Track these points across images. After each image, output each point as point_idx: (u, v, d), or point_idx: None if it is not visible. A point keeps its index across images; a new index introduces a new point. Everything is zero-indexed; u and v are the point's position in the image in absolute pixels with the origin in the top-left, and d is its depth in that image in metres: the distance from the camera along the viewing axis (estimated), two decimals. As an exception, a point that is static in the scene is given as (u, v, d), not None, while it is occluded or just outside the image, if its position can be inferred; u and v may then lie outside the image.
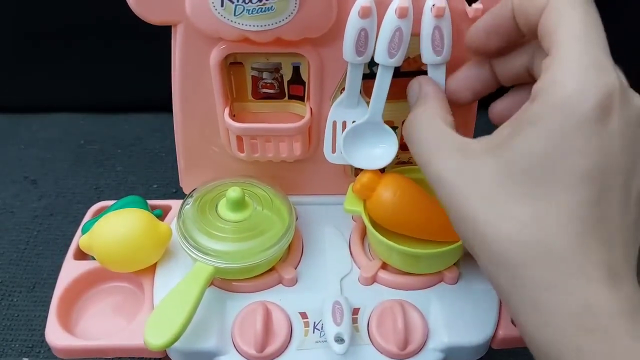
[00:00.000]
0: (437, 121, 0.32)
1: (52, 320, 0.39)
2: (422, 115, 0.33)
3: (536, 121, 0.25)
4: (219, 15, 0.35)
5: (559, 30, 0.26)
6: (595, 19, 0.27)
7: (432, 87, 0.35)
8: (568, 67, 0.25)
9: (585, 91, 0.25)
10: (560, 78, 0.25)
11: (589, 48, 0.26)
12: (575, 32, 0.26)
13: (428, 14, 0.36)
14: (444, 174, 0.29)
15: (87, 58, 0.71)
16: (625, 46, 0.73)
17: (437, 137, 0.31)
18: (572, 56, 0.26)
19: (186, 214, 0.40)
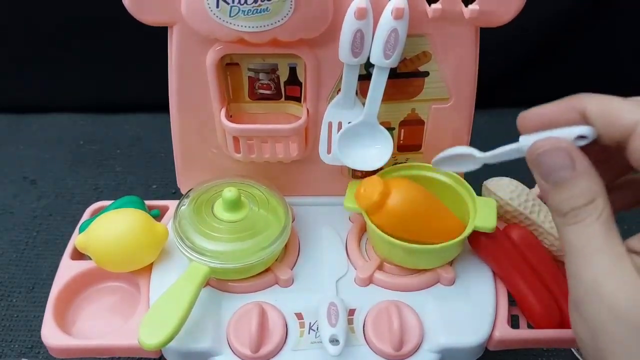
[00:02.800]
0: (615, 242, 0.27)
1: (48, 320, 0.39)
2: (596, 232, 0.28)
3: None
4: (215, 16, 0.35)
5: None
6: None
7: (589, 165, 0.29)
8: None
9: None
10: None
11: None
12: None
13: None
14: (617, 301, 0.26)
15: (86, 58, 0.71)
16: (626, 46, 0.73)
17: (613, 263, 0.27)
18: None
19: (182, 215, 0.40)
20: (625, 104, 0.28)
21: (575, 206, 0.28)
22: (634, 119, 0.27)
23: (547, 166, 0.29)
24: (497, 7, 0.37)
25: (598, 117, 0.29)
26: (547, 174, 0.29)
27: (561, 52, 0.73)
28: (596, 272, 0.27)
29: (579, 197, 0.28)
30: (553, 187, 0.29)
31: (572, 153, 0.29)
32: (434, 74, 0.40)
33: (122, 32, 0.63)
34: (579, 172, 0.28)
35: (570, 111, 0.30)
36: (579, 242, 0.28)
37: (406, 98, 0.42)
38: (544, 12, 0.68)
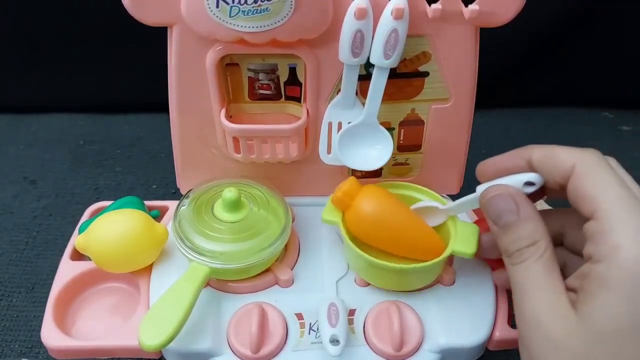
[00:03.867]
0: (554, 279, 0.30)
1: (48, 320, 0.39)
2: (537, 271, 0.30)
3: (610, 285, 0.27)
4: (215, 16, 0.35)
5: (600, 196, 0.29)
6: (626, 177, 0.30)
7: (533, 210, 0.32)
8: (627, 233, 0.27)
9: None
10: (623, 243, 0.27)
11: (637, 211, 0.28)
12: (617, 197, 0.28)
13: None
14: (555, 333, 0.28)
15: (86, 58, 0.71)
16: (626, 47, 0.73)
17: (551, 298, 0.29)
18: (626, 222, 0.27)
19: (182, 215, 0.40)
20: (564, 150, 0.31)
21: (520, 247, 0.31)
22: (571, 162, 0.30)
23: (495, 211, 0.32)
24: (497, 7, 0.37)
25: (541, 163, 0.32)
26: (495, 218, 0.32)
27: (561, 52, 0.73)
28: (536, 307, 0.29)
29: (523, 240, 0.31)
30: (501, 229, 0.32)
31: (517, 199, 0.32)
32: (433, 74, 0.40)
33: (122, 32, 0.63)
34: (522, 217, 0.31)
35: (519, 160, 0.33)
36: (522, 280, 0.30)
37: (406, 98, 0.42)
38: (544, 12, 0.68)
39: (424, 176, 0.46)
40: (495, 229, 0.32)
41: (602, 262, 0.27)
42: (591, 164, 0.30)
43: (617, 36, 0.72)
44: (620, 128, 0.76)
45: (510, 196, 0.32)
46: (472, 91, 0.42)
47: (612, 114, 0.78)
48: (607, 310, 0.27)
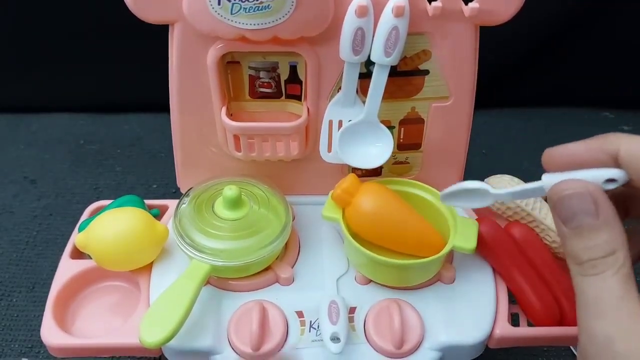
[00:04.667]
0: (632, 298, 0.26)
1: (48, 319, 0.39)
2: (613, 287, 0.26)
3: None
4: (216, 13, 0.35)
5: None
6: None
7: (614, 214, 0.27)
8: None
9: None
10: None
11: None
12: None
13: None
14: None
15: (86, 58, 0.71)
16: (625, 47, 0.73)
17: (628, 321, 0.26)
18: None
19: (182, 213, 0.40)
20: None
21: (594, 257, 0.27)
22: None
23: (569, 210, 0.27)
24: (496, 5, 0.37)
25: (632, 160, 0.28)
26: (567, 218, 0.27)
27: (561, 52, 0.73)
28: (610, 329, 0.26)
29: (599, 248, 0.27)
30: (572, 232, 0.27)
31: (598, 199, 0.27)
32: (434, 73, 0.41)
33: (122, 31, 0.63)
34: (602, 221, 0.27)
35: (600, 152, 0.29)
36: (595, 295, 0.26)
37: (406, 96, 0.42)
38: (544, 12, 0.69)
39: (423, 175, 0.46)
40: (564, 230, 0.28)
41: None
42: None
43: (617, 36, 0.72)
44: (621, 128, 0.76)
45: (589, 195, 0.27)
46: (472, 90, 0.42)
47: (612, 114, 0.79)
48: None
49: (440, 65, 0.40)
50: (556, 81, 0.75)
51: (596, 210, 0.27)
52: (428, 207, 0.41)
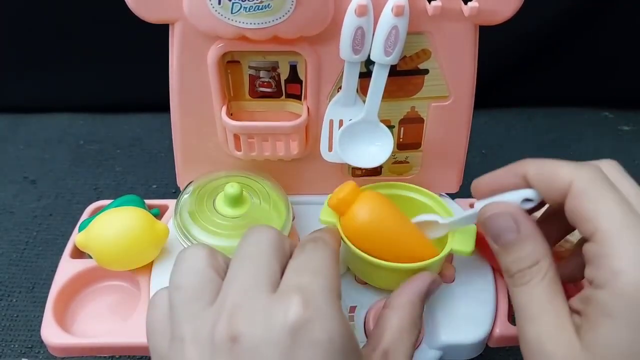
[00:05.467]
0: (558, 302, 0.29)
1: (48, 318, 0.39)
2: (541, 294, 0.29)
3: (612, 314, 0.26)
4: (216, 13, 0.35)
5: (599, 218, 0.27)
6: (631, 189, 0.29)
7: (533, 227, 0.31)
8: (627, 258, 0.26)
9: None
10: (625, 269, 0.26)
11: (638, 233, 0.27)
12: (617, 219, 0.27)
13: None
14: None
15: (86, 58, 0.71)
16: (625, 47, 0.73)
17: (554, 323, 0.28)
18: (627, 246, 0.26)
19: (183, 209, 0.40)
20: (560, 166, 0.30)
21: (521, 268, 0.30)
22: (568, 179, 0.29)
23: (494, 229, 0.31)
24: (496, 4, 0.37)
25: (537, 179, 0.31)
26: (495, 236, 0.31)
27: (561, 52, 0.73)
28: (539, 331, 0.28)
29: (524, 259, 0.30)
30: (501, 249, 0.31)
31: (517, 217, 0.31)
32: (433, 72, 0.41)
33: (122, 31, 0.63)
34: (523, 235, 0.30)
35: (514, 177, 0.32)
36: (525, 302, 0.29)
37: (406, 96, 0.42)
38: (543, 12, 0.69)
39: (423, 174, 0.46)
40: (495, 248, 0.31)
41: (603, 289, 0.26)
42: (589, 181, 0.28)
43: (617, 36, 0.72)
44: (621, 128, 0.77)
45: (509, 214, 0.31)
46: (472, 89, 0.42)
47: (612, 114, 0.79)
48: (610, 340, 0.26)
49: (440, 65, 0.40)
50: (556, 81, 0.75)
51: (517, 226, 0.30)
52: (426, 211, 0.41)
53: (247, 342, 0.25)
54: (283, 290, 0.28)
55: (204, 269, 0.29)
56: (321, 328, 0.26)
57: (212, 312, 0.27)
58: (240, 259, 0.30)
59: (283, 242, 0.31)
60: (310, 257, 0.30)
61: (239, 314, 0.26)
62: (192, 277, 0.29)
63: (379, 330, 0.33)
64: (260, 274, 0.28)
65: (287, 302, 0.26)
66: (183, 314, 0.28)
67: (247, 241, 0.31)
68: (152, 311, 0.30)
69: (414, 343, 0.33)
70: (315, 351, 0.25)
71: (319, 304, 0.27)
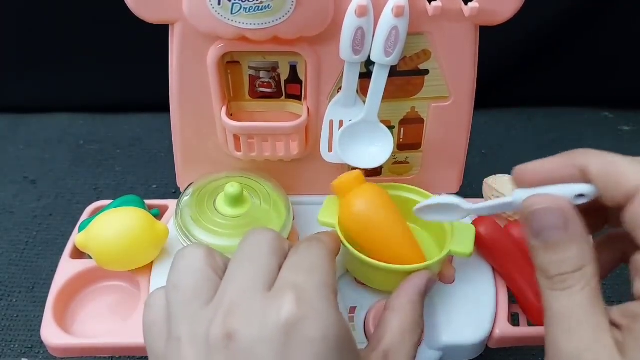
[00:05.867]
0: (599, 314, 0.26)
1: (48, 318, 0.39)
2: (582, 303, 0.26)
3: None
4: (216, 13, 0.35)
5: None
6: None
7: (583, 229, 0.28)
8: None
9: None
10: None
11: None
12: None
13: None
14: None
15: (86, 58, 0.71)
16: (625, 47, 0.73)
17: (594, 337, 0.26)
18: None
19: (184, 209, 0.40)
20: (630, 166, 0.27)
21: (563, 271, 0.27)
22: (637, 182, 0.26)
23: (539, 224, 0.28)
24: (496, 5, 0.37)
25: (601, 176, 0.28)
26: (538, 232, 0.28)
27: (561, 52, 0.73)
28: (577, 345, 0.26)
29: (568, 262, 0.27)
30: (542, 246, 0.28)
31: (568, 214, 0.28)
32: (433, 72, 0.41)
33: (122, 31, 0.63)
34: (571, 236, 0.27)
35: (570, 167, 0.29)
36: (562, 310, 0.27)
37: (406, 96, 0.42)
38: (543, 12, 0.69)
39: (423, 175, 0.46)
40: (534, 243, 0.28)
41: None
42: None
43: (617, 36, 0.72)
44: (621, 128, 0.76)
45: (560, 210, 0.27)
46: (472, 89, 0.42)
47: (612, 114, 0.78)
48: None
49: (440, 65, 0.40)
50: (556, 81, 0.75)
51: (566, 224, 0.27)
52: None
53: (242, 340, 0.25)
54: (277, 288, 0.28)
55: (202, 268, 0.29)
56: (315, 326, 0.26)
57: (209, 311, 0.27)
58: (239, 259, 0.30)
59: (282, 244, 0.31)
60: (305, 256, 0.30)
61: (235, 312, 0.26)
62: (190, 276, 0.29)
63: (380, 332, 0.32)
64: (258, 274, 0.28)
65: (280, 300, 0.26)
66: (180, 314, 0.28)
67: (246, 242, 0.31)
68: (148, 311, 0.30)
69: (417, 344, 0.32)
70: (309, 349, 0.25)
71: (313, 301, 0.27)
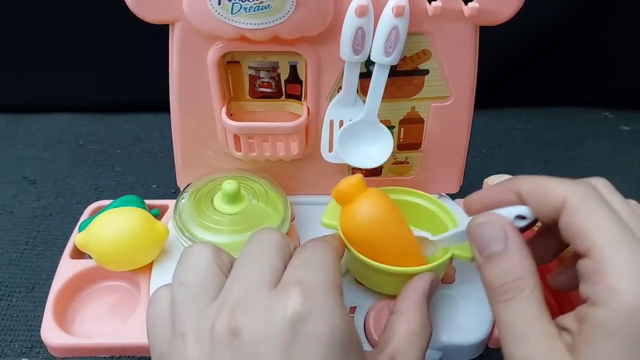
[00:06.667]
0: (545, 320, 0.27)
1: (48, 318, 0.39)
2: (527, 312, 0.28)
3: (610, 332, 0.25)
4: (217, 13, 0.35)
5: (594, 234, 0.27)
6: (621, 207, 0.28)
7: (522, 243, 0.29)
8: (624, 275, 0.25)
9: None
10: (623, 287, 0.25)
11: (634, 250, 0.26)
12: (612, 235, 0.26)
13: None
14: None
15: (86, 58, 0.71)
16: (624, 47, 0.73)
17: (545, 343, 0.27)
18: (623, 262, 0.26)
19: (182, 208, 0.41)
20: (554, 182, 0.29)
21: (505, 282, 0.28)
22: (562, 195, 0.28)
23: (481, 239, 0.30)
24: (496, 5, 0.37)
25: (531, 195, 0.30)
26: (481, 246, 0.30)
27: (561, 52, 0.73)
28: (531, 353, 0.27)
29: (510, 273, 0.28)
30: (485, 260, 0.29)
31: (506, 228, 0.29)
32: (433, 72, 0.41)
33: (122, 31, 0.63)
34: (510, 247, 0.29)
35: (508, 193, 0.31)
36: (510, 321, 0.28)
37: (406, 96, 0.42)
38: (543, 12, 0.69)
39: (423, 175, 0.46)
40: (479, 260, 0.30)
41: (600, 307, 0.25)
42: (582, 197, 0.28)
43: (617, 36, 0.72)
44: (620, 128, 0.76)
45: (499, 224, 0.30)
46: (472, 89, 0.42)
47: (612, 114, 0.79)
48: (608, 359, 0.25)
49: (440, 65, 0.40)
50: (556, 81, 0.75)
51: (505, 236, 0.29)
52: (429, 216, 0.41)
53: (247, 336, 0.25)
54: (283, 285, 0.28)
55: (208, 266, 0.29)
56: (321, 321, 0.26)
57: (214, 308, 0.27)
58: (245, 258, 0.30)
59: (288, 244, 0.31)
60: (311, 255, 0.30)
61: (240, 308, 0.26)
62: (196, 273, 0.29)
63: (387, 335, 0.32)
64: (263, 272, 0.28)
65: (287, 296, 0.26)
66: (185, 310, 0.28)
67: (252, 242, 0.31)
68: (152, 308, 0.30)
69: (425, 347, 0.32)
70: (315, 344, 0.25)
71: (319, 297, 0.27)
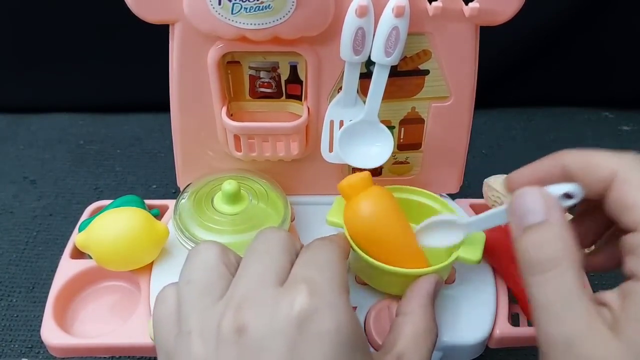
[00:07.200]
0: (585, 297, 0.26)
1: (48, 318, 0.39)
2: (565, 287, 0.26)
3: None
4: (217, 13, 0.35)
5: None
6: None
7: (563, 216, 0.28)
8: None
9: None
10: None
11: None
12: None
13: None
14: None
15: (86, 58, 0.71)
16: (624, 47, 0.73)
17: (585, 321, 0.25)
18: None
19: (182, 208, 0.41)
20: (601, 155, 0.28)
21: (544, 256, 0.26)
22: (611, 167, 0.27)
23: (520, 209, 0.28)
24: (497, 5, 0.37)
25: (577, 169, 0.29)
26: (520, 217, 0.28)
27: (561, 52, 0.73)
28: (568, 333, 0.25)
29: (549, 246, 0.27)
30: (524, 231, 0.28)
31: (548, 200, 0.28)
32: (434, 73, 0.41)
33: (122, 31, 0.63)
34: (551, 220, 0.27)
35: (552, 167, 0.30)
36: (548, 297, 0.26)
37: (406, 96, 0.42)
38: (544, 12, 0.69)
39: (423, 175, 0.46)
40: (517, 232, 0.28)
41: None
42: (633, 169, 0.27)
43: (617, 36, 0.72)
44: (620, 128, 0.77)
45: (541, 195, 0.28)
46: (472, 90, 0.42)
47: (612, 114, 0.79)
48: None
49: (441, 65, 0.40)
50: (556, 81, 0.75)
51: (546, 209, 0.27)
52: (433, 214, 0.40)
53: (253, 333, 0.25)
54: (289, 282, 0.28)
55: (215, 264, 0.29)
56: (328, 319, 0.26)
57: (220, 305, 0.27)
58: (251, 256, 0.30)
59: (294, 243, 0.31)
60: (317, 253, 0.30)
61: (246, 306, 0.26)
62: (203, 272, 0.29)
63: (393, 337, 0.32)
64: (269, 270, 0.28)
65: (293, 293, 0.26)
66: (191, 309, 0.28)
67: (257, 241, 0.31)
68: (159, 306, 0.30)
69: (431, 349, 0.32)
70: (321, 342, 0.25)
71: (326, 294, 0.27)
